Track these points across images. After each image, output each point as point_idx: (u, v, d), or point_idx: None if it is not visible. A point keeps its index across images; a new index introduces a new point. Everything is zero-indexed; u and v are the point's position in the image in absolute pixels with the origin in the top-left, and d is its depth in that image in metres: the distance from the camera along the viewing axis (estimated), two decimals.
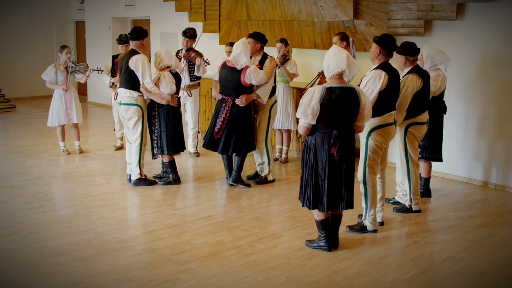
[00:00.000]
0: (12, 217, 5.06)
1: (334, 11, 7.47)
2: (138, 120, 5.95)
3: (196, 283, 3.80)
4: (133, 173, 6.12)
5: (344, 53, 4.11)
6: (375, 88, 4.52)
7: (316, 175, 4.18)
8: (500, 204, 5.83)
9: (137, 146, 6.03)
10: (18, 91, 13.49)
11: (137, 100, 5.93)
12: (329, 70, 4.10)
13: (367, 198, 4.73)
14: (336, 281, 3.86)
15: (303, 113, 4.02)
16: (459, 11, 6.38)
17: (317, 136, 4.13)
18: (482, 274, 4.05)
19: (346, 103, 4.06)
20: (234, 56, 5.73)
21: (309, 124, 4.08)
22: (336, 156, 4.10)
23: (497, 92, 6.32)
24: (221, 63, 6.01)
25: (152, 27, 11.37)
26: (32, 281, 3.78)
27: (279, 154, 7.51)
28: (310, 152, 4.19)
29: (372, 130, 4.63)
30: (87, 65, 7.64)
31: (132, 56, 5.82)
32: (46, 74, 7.39)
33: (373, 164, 4.69)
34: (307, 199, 4.25)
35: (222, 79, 5.94)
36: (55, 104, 7.49)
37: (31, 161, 7.20)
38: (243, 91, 5.82)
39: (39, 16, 13.79)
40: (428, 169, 5.86)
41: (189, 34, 7.23)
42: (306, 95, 4.06)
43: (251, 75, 5.73)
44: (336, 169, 4.16)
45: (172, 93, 5.90)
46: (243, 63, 5.73)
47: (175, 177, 6.20)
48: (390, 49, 4.67)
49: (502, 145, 6.33)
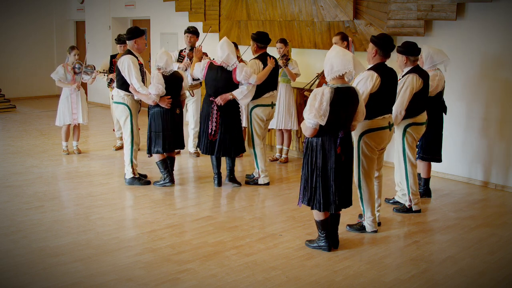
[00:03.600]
0: (12, 217, 5.06)
1: (334, 11, 7.47)
2: (126, 119, 6.05)
3: (196, 283, 3.80)
4: (127, 172, 6.16)
5: (349, 54, 4.07)
6: (366, 89, 4.45)
7: (325, 177, 4.14)
8: (500, 204, 5.83)
9: (128, 145, 6.09)
10: (18, 91, 13.49)
11: (124, 99, 6.01)
12: (332, 70, 4.05)
13: (363, 202, 4.73)
14: (336, 281, 3.86)
15: (315, 115, 3.92)
16: (459, 11, 6.38)
17: (324, 137, 4.09)
18: (482, 274, 4.05)
19: (350, 103, 4.06)
20: (223, 58, 5.73)
21: (317, 125, 4.00)
22: (342, 156, 4.10)
23: (497, 92, 6.32)
24: (207, 64, 5.92)
25: (152, 27, 11.37)
26: (32, 281, 3.78)
27: (279, 154, 7.51)
28: (317, 153, 4.12)
29: (362, 134, 4.57)
30: (94, 67, 7.68)
31: (121, 57, 5.96)
32: (56, 73, 7.47)
33: (368, 169, 4.64)
34: (317, 202, 4.18)
35: (211, 80, 5.86)
36: (62, 104, 7.56)
37: (31, 161, 7.20)
38: (234, 89, 5.84)
39: (39, 16, 13.79)
40: (428, 169, 5.85)
41: (192, 30, 7.27)
42: (315, 97, 3.97)
43: (243, 71, 5.74)
44: (343, 168, 4.16)
45: (159, 93, 5.77)
46: (233, 63, 5.76)
47: (167, 176, 6.09)
48: (387, 50, 4.58)
49: (502, 145, 6.33)
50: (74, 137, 7.74)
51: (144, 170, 6.66)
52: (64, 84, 7.47)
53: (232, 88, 5.84)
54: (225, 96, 5.82)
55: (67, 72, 7.46)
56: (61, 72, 7.45)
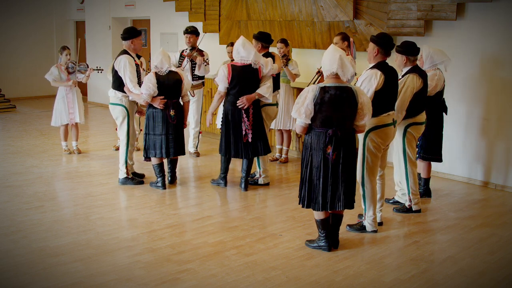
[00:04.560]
0: (12, 217, 5.06)
1: (334, 11, 7.47)
2: (123, 120, 6.02)
3: (196, 283, 3.80)
4: (120, 172, 6.16)
5: (338, 54, 4.08)
6: (371, 87, 4.49)
7: (310, 174, 4.20)
8: (500, 204, 5.83)
9: (123, 146, 6.07)
10: (18, 91, 13.50)
11: (122, 100, 6.00)
12: (324, 69, 4.15)
13: (365, 200, 4.73)
14: (336, 281, 3.86)
15: (297, 112, 4.06)
16: (459, 11, 6.38)
17: (313, 135, 4.14)
18: (482, 274, 4.05)
19: (342, 102, 4.05)
20: (251, 58, 5.64)
21: (305, 124, 4.11)
22: (331, 156, 4.09)
23: (497, 92, 6.32)
24: (228, 67, 5.73)
25: (152, 27, 11.37)
26: (32, 281, 3.78)
27: (279, 154, 7.51)
28: (307, 150, 4.21)
29: (369, 131, 4.59)
30: (87, 65, 7.67)
31: (118, 57, 5.93)
32: (50, 73, 7.47)
33: (372, 166, 4.66)
34: (302, 197, 4.28)
35: (240, 82, 5.68)
36: (58, 104, 7.55)
37: (31, 161, 7.20)
38: (257, 88, 5.80)
39: (39, 16, 13.79)
40: (428, 169, 5.85)
41: (191, 30, 7.26)
42: (301, 95, 4.09)
43: (269, 65, 5.74)
44: (332, 168, 4.14)
45: (150, 93, 5.69)
46: (261, 61, 5.74)
47: (160, 181, 6.01)
48: (388, 49, 4.64)
49: (502, 145, 6.33)
50: (74, 137, 7.73)
51: (143, 170, 6.67)
52: (59, 83, 7.47)
53: (257, 86, 5.79)
54: (251, 97, 5.74)
55: (61, 72, 7.47)
56: (55, 72, 7.45)
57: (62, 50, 7.55)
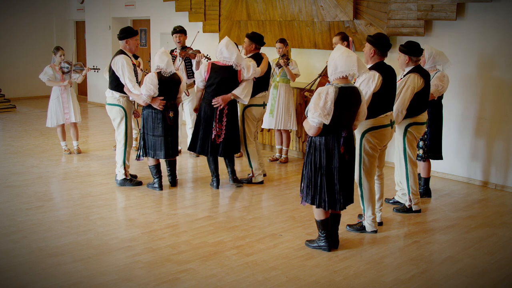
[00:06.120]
0: (12, 217, 5.06)
1: (334, 11, 7.47)
2: (121, 121, 6.01)
3: (196, 283, 3.80)
4: (118, 173, 6.14)
5: (354, 56, 4.05)
6: (369, 90, 4.47)
7: (330, 176, 4.16)
8: (500, 204, 5.83)
9: (121, 146, 6.06)
10: (18, 91, 13.49)
11: (119, 100, 5.98)
12: (336, 71, 4.05)
13: (363, 200, 4.73)
14: (336, 281, 3.86)
15: (320, 114, 3.94)
16: (459, 11, 6.38)
17: (327, 137, 4.10)
18: (482, 274, 4.05)
19: (353, 102, 4.08)
20: (233, 59, 5.66)
21: (321, 124, 4.01)
22: (346, 156, 4.12)
23: (497, 91, 6.32)
24: (208, 65, 5.80)
25: (152, 27, 11.37)
26: (32, 281, 3.78)
27: (279, 154, 7.51)
28: (321, 153, 4.13)
29: (365, 132, 4.59)
30: (83, 65, 7.68)
31: (115, 57, 5.91)
32: (45, 73, 7.48)
33: (369, 167, 4.65)
34: (323, 201, 4.19)
35: (217, 81, 5.75)
36: (53, 104, 7.55)
37: (31, 161, 7.20)
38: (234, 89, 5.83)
39: (39, 16, 13.78)
40: (428, 169, 5.85)
41: (179, 29, 7.20)
42: (320, 96, 3.97)
43: (251, 69, 5.73)
44: (346, 168, 4.18)
45: (150, 94, 5.67)
46: (243, 64, 5.74)
47: (157, 182, 5.99)
48: (385, 49, 4.61)
49: (501, 145, 6.33)
50: (73, 137, 7.73)
51: (142, 171, 6.67)
52: (54, 82, 7.47)
53: (236, 86, 5.82)
54: (227, 97, 5.79)
55: (56, 72, 7.47)
56: (49, 72, 7.45)
57: (56, 51, 7.55)
